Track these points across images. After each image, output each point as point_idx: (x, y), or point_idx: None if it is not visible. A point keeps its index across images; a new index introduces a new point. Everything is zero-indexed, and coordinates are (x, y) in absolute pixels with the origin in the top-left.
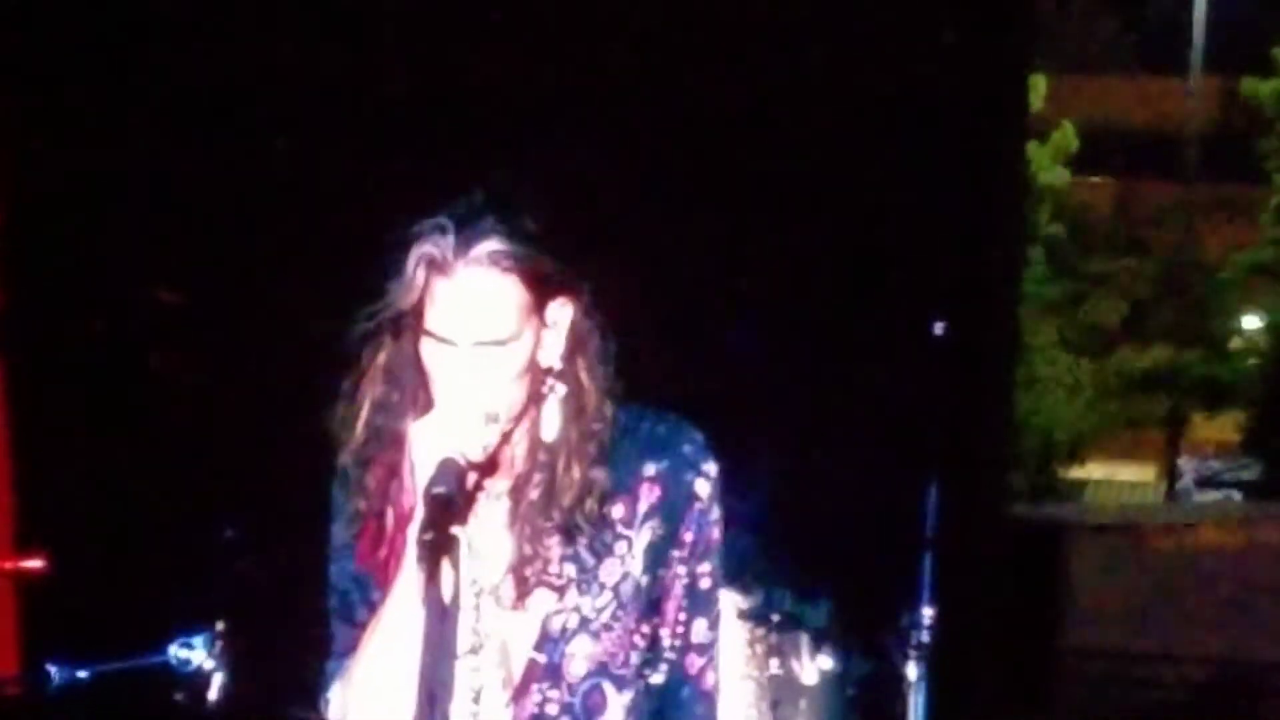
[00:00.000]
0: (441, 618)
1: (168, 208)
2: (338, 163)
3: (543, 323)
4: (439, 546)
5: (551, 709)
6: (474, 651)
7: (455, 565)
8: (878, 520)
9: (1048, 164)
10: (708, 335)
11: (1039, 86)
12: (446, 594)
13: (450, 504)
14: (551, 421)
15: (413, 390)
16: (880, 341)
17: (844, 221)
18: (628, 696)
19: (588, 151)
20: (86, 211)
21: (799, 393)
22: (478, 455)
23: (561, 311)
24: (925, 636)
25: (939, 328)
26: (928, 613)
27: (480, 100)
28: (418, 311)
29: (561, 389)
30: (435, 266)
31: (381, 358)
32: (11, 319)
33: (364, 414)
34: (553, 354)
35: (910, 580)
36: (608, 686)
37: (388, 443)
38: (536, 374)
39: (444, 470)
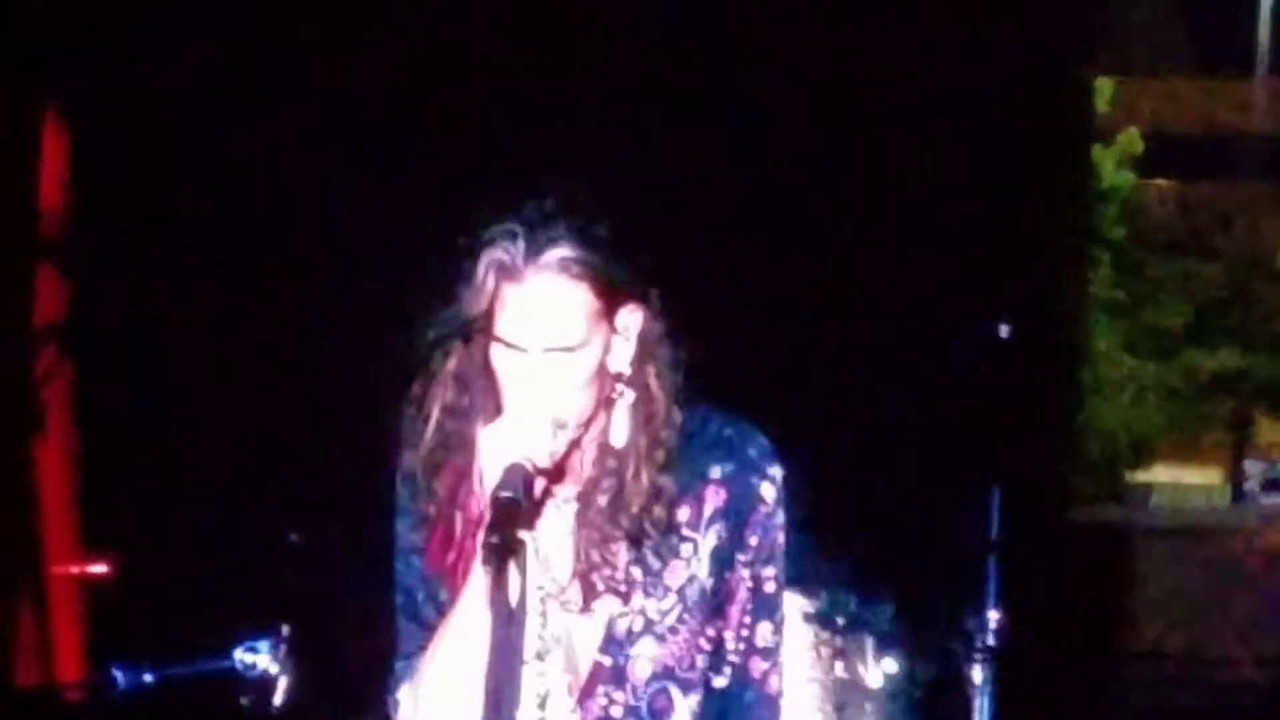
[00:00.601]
0: (507, 621)
1: (237, 210)
2: (410, 167)
3: (612, 329)
4: (505, 550)
5: (616, 712)
6: (540, 656)
7: (521, 569)
8: (942, 523)
9: (1112, 167)
10: (773, 340)
11: (1104, 90)
12: (512, 598)
13: (516, 508)
14: (620, 428)
15: (482, 395)
16: (945, 344)
17: (910, 225)
18: (693, 700)
19: (657, 158)
20: (152, 215)
21: (864, 396)
22: (545, 461)
23: (631, 318)
24: (990, 639)
25: (1004, 330)
26: (993, 616)
27: (551, 105)
28: (488, 317)
29: (630, 395)
30: (505, 272)
31: (452, 363)
32: (78, 324)
33: (434, 418)
34: (622, 360)
35: (975, 583)
36: (673, 690)
37: (457, 447)
38: (606, 380)
39: (511, 475)
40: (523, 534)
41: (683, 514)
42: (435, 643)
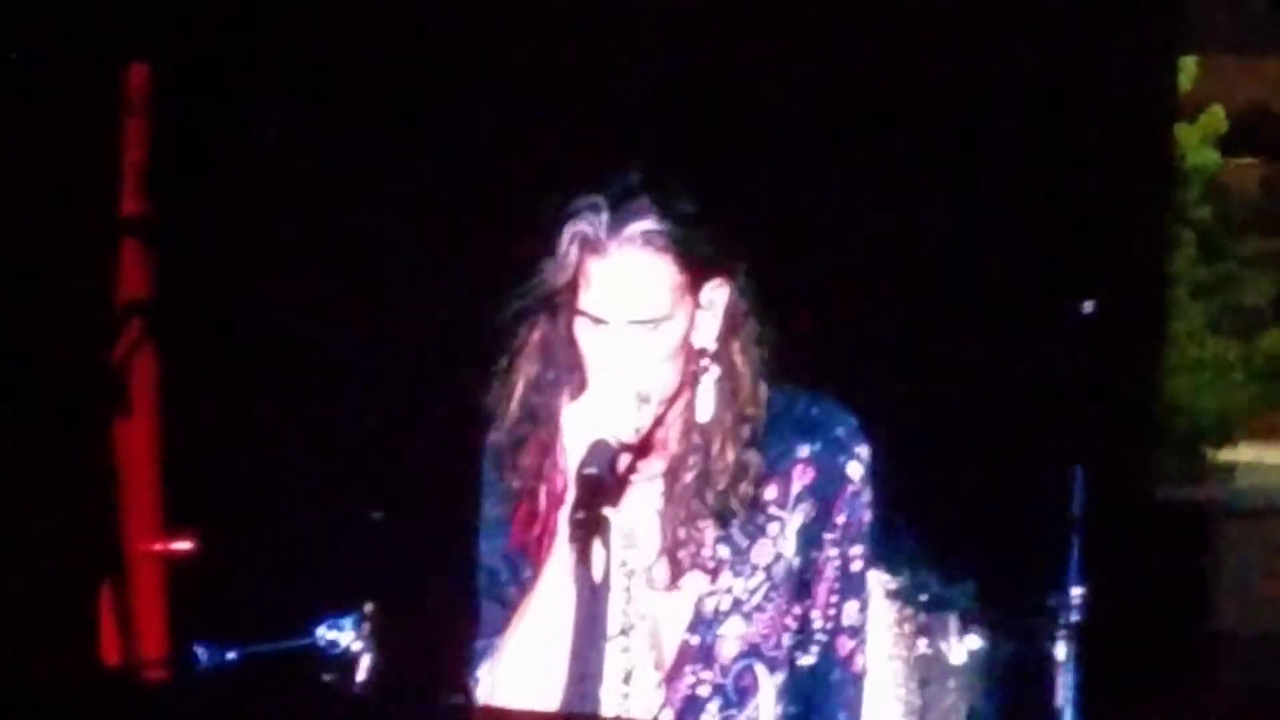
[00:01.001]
0: (592, 598)
1: (317, 188)
2: (492, 139)
3: (697, 304)
4: (590, 527)
5: (703, 690)
6: (624, 633)
7: (606, 546)
8: (1025, 501)
9: (1197, 145)
10: (859, 317)
11: (1188, 68)
12: (597, 574)
13: (601, 485)
14: (705, 404)
15: (568, 368)
16: (1029, 322)
17: (993, 203)
18: (779, 678)
19: (743, 132)
20: (232, 195)
21: (947, 374)
22: (630, 437)
23: (716, 293)
24: (1073, 616)
25: (1087, 306)
26: (1076, 593)
27: (638, 78)
28: (572, 290)
29: (715, 370)
30: (589, 245)
31: (536, 335)
32: (161, 305)
33: (518, 392)
34: (707, 335)
35: (1058, 561)
36: (759, 668)
37: (542, 421)
38: (690, 355)
39: (595, 451)
40: (607, 511)
41: (770, 492)
42: (517, 620)
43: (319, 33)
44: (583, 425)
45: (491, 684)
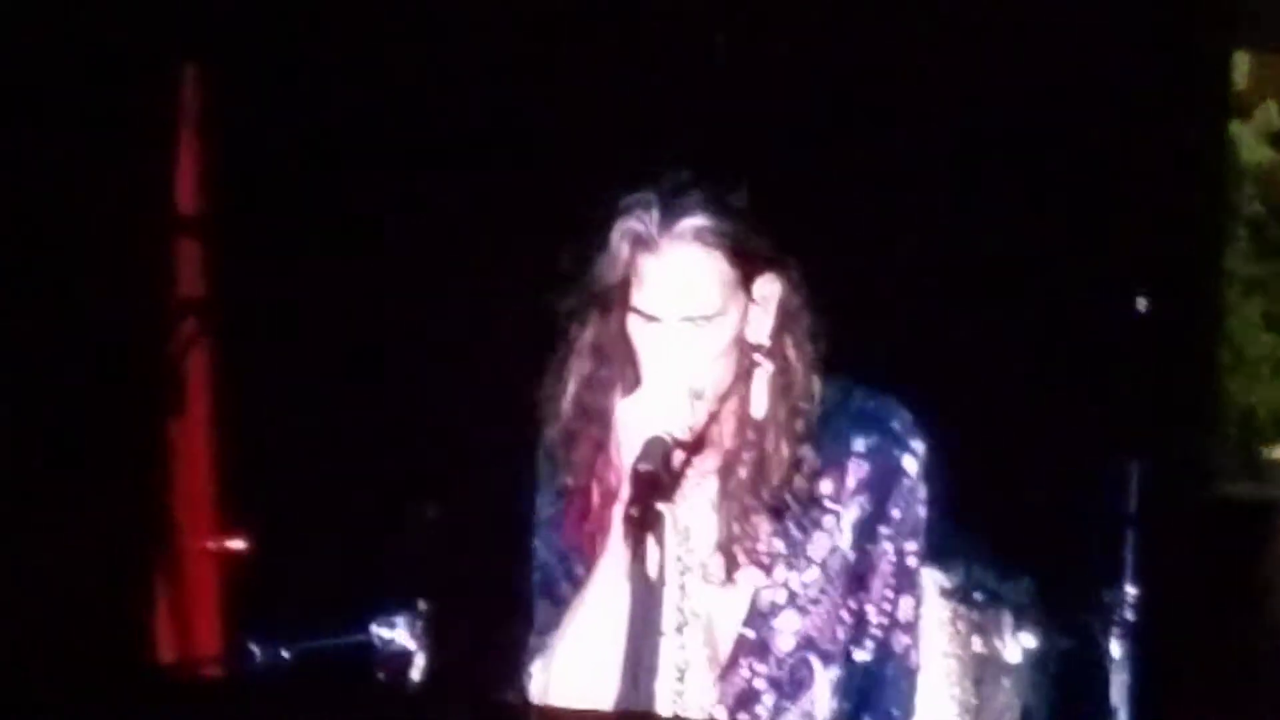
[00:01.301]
0: (646, 594)
1: (372, 186)
2: (543, 137)
3: (750, 299)
4: (645, 522)
5: (759, 684)
6: (679, 630)
7: (661, 542)
8: (1081, 498)
9: (1251, 142)
10: (913, 312)
11: (1242, 64)
12: (652, 570)
13: (656, 480)
14: (759, 399)
15: (620, 366)
16: (1084, 318)
17: (1047, 199)
18: (833, 672)
19: (795, 125)
20: (292, 193)
21: (1002, 369)
22: (684, 433)
23: (769, 287)
24: (1129, 614)
25: (1141, 303)
26: (1131, 590)
27: (688, 73)
28: (624, 287)
29: (769, 366)
30: (640, 242)
31: (589, 334)
32: (219, 303)
33: (571, 390)
34: (760, 330)
35: (1113, 558)
36: (815, 661)
37: (595, 418)
38: (744, 350)
39: (651, 447)
40: (662, 506)
41: (825, 486)
42: (570, 617)
43: (372, 30)
44: (637, 421)
45: (545, 681)
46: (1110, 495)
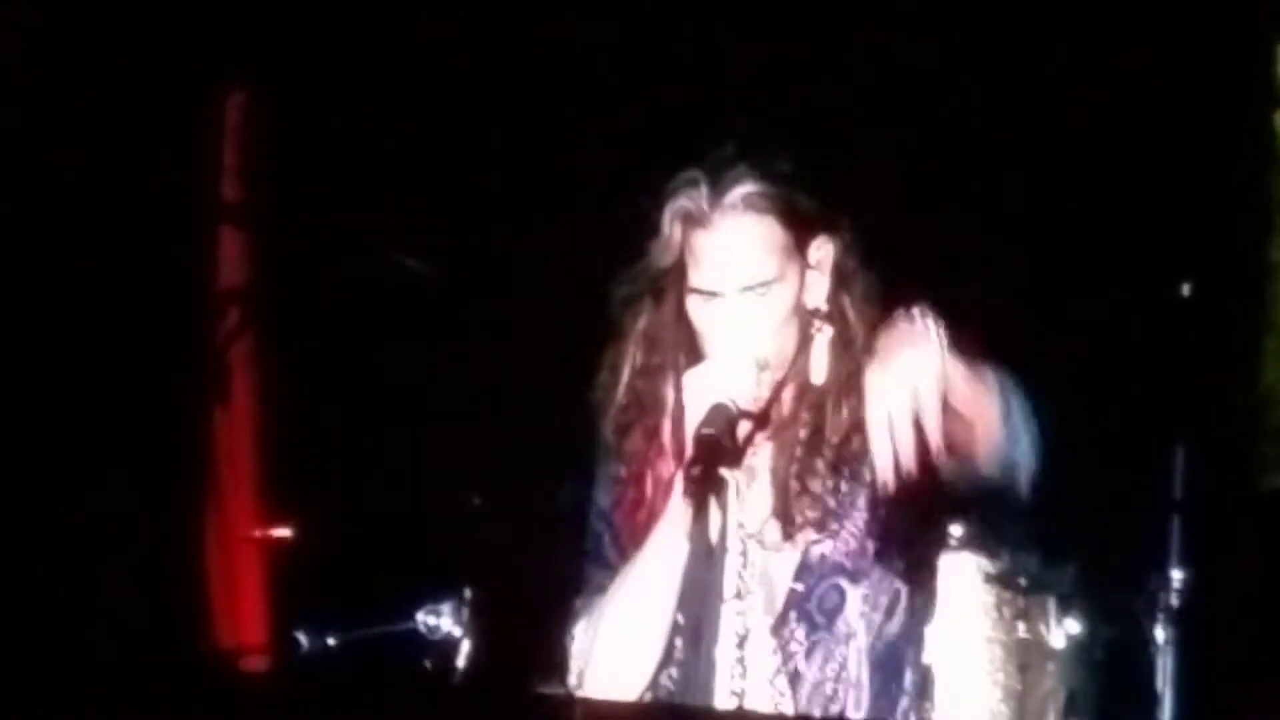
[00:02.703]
0: (707, 559)
1: (420, 180)
2: (588, 127)
3: (806, 263)
4: (707, 485)
5: (798, 626)
6: (739, 596)
7: (723, 507)
8: (1127, 485)
9: None
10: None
11: None
12: (713, 535)
13: (718, 445)
14: (820, 365)
15: (674, 355)
16: (1129, 305)
17: (1091, 187)
18: (864, 588)
19: (840, 88)
20: (336, 185)
21: (1047, 355)
22: (749, 404)
23: (824, 250)
24: (1174, 601)
25: (1185, 289)
26: (1177, 577)
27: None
28: (679, 270)
29: (829, 331)
30: (691, 220)
31: (642, 323)
32: (263, 293)
33: (624, 379)
34: (818, 295)
35: (1158, 546)
36: (844, 583)
37: (648, 407)
38: (804, 317)
39: (715, 413)
40: (725, 473)
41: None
42: (621, 579)
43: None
44: (703, 391)
45: (588, 643)
46: (1156, 482)
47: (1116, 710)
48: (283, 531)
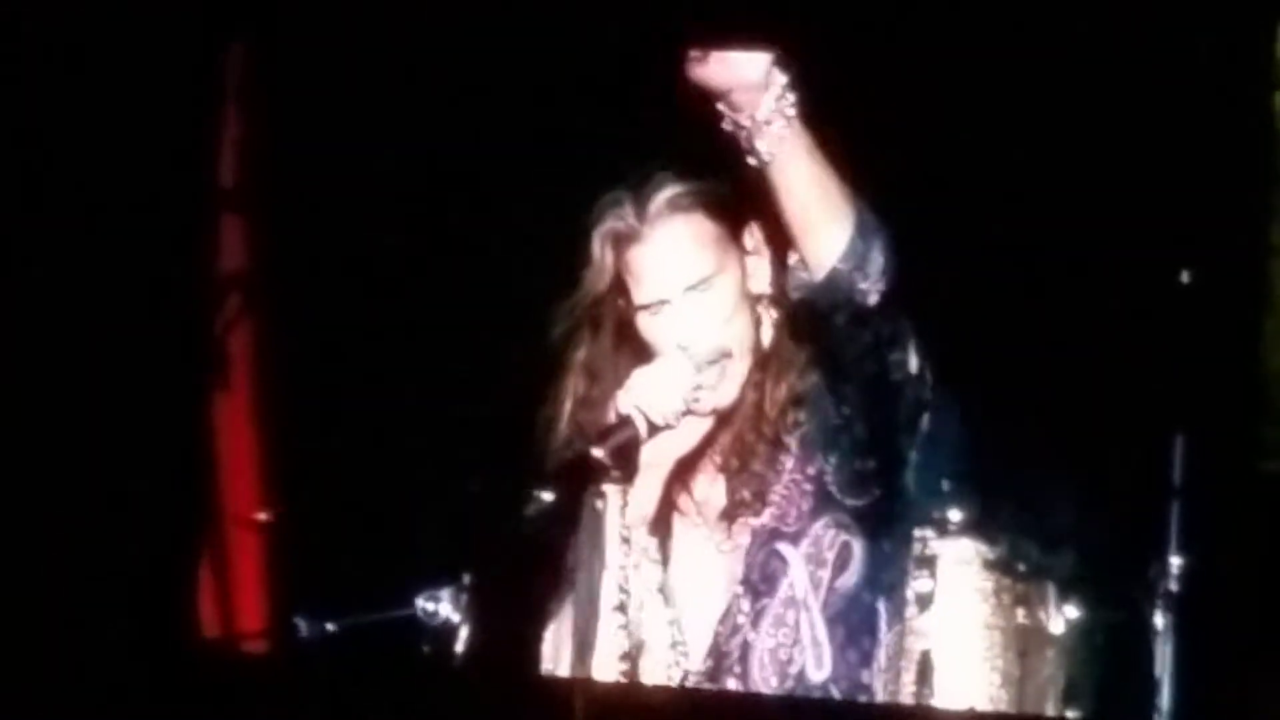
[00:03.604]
0: (589, 572)
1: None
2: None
3: (743, 250)
4: (594, 500)
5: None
6: (621, 608)
7: (604, 523)
8: (1125, 470)
9: None
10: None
11: None
12: (599, 548)
13: (620, 455)
14: (768, 345)
15: (614, 385)
16: (1128, 290)
17: (1089, 169)
18: (805, 548)
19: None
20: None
21: (1044, 340)
22: (693, 399)
23: (758, 234)
24: (1174, 587)
25: (1185, 276)
26: (1176, 563)
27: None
28: (615, 294)
29: (775, 313)
30: (622, 239)
31: (581, 354)
32: (263, 277)
33: (566, 411)
34: (762, 280)
35: (1158, 531)
36: (783, 548)
37: (589, 438)
38: (751, 304)
39: (620, 423)
40: (609, 488)
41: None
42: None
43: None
44: (643, 389)
45: (554, 644)
46: (1155, 468)
47: (1115, 696)
48: (282, 517)
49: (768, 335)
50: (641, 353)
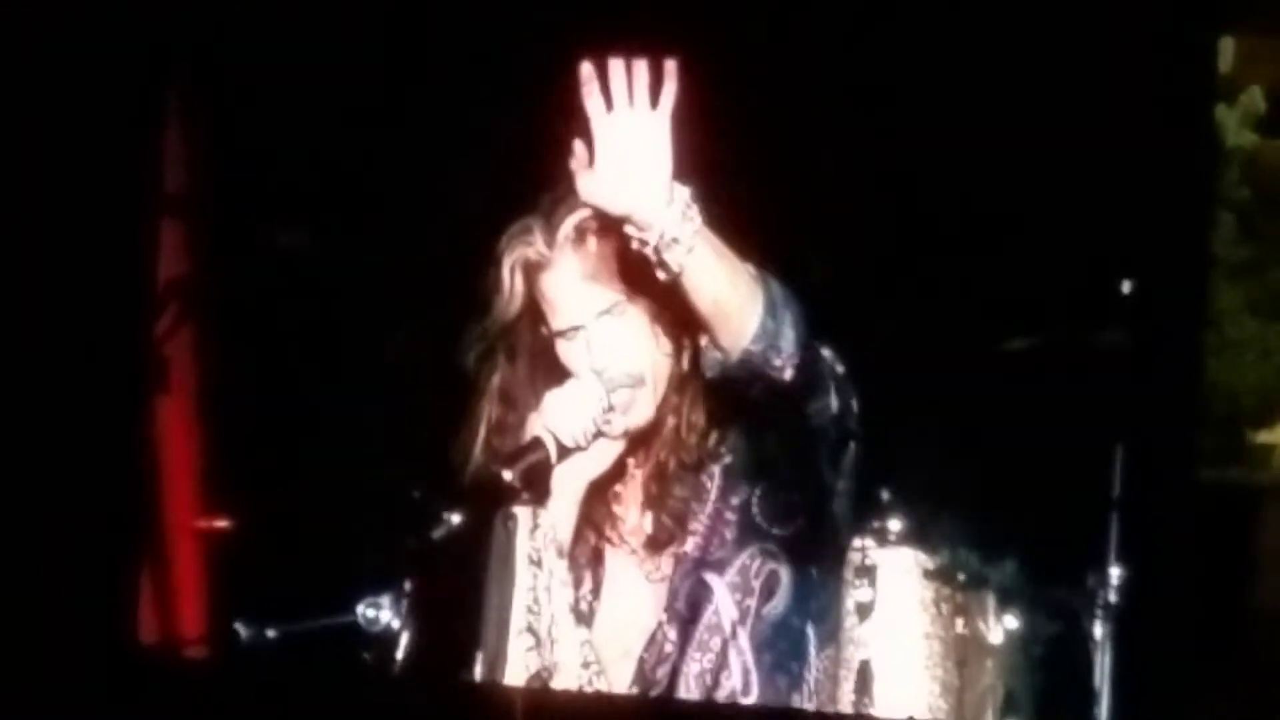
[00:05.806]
0: (499, 590)
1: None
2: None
3: (656, 277)
4: (504, 522)
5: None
6: (529, 629)
7: (514, 544)
8: (1065, 481)
9: (1236, 127)
10: (894, 294)
11: (1227, 49)
12: (509, 567)
13: (530, 477)
14: (682, 370)
15: (529, 410)
16: (1068, 301)
17: (1030, 181)
18: (730, 576)
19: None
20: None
21: (985, 352)
22: (609, 424)
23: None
24: (1113, 597)
25: (1126, 286)
26: (1115, 573)
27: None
28: (532, 318)
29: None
30: (534, 267)
31: (496, 379)
32: (202, 283)
33: (481, 435)
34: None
35: (1097, 541)
36: (709, 576)
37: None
38: (668, 329)
39: (530, 446)
40: (519, 510)
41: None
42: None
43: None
44: (554, 415)
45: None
46: (1095, 478)
47: (1054, 706)
48: (223, 523)
49: (687, 359)
50: (560, 378)
